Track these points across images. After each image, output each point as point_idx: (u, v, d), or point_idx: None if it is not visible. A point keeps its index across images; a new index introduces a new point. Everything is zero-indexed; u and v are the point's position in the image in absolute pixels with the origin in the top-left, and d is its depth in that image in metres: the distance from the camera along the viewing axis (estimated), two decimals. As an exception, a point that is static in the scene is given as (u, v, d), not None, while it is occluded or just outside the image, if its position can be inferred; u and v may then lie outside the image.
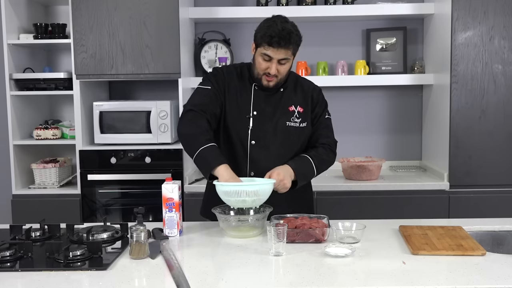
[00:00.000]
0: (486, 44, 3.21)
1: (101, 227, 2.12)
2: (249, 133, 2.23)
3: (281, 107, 2.27)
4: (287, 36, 2.10)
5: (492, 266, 1.72)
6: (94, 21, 3.27)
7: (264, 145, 2.24)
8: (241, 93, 2.26)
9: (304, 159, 2.22)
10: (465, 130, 3.25)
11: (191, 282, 1.59)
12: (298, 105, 2.29)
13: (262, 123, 2.24)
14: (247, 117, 2.24)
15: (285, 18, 2.18)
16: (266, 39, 2.11)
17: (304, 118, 2.28)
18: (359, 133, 3.87)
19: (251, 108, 2.24)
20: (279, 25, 2.12)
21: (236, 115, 2.24)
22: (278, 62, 2.15)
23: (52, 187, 3.45)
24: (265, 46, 2.12)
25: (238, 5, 3.74)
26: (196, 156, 2.08)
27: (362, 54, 3.82)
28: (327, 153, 2.29)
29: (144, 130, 3.39)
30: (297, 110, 2.28)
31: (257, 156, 2.24)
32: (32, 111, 3.63)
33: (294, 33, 2.14)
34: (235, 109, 2.24)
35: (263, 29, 2.13)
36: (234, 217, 2.12)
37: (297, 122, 2.27)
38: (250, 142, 2.24)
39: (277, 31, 2.10)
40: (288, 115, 2.26)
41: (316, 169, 2.23)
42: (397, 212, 3.16)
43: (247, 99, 2.25)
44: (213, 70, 2.35)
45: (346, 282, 1.61)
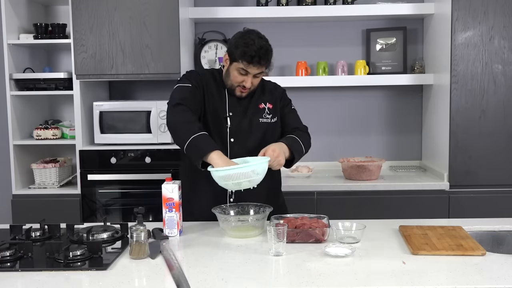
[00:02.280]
0: (486, 44, 3.21)
1: (101, 227, 2.12)
2: (228, 131, 2.31)
3: (253, 106, 2.37)
4: (265, 54, 2.20)
5: (492, 266, 1.72)
6: (94, 21, 3.27)
7: (242, 142, 2.32)
8: (216, 95, 2.34)
9: (292, 138, 2.32)
10: (465, 130, 3.25)
11: (191, 282, 1.59)
12: (267, 102, 2.39)
13: (238, 122, 2.33)
14: (225, 116, 2.32)
15: (258, 34, 2.25)
16: (246, 58, 2.18)
17: (274, 114, 2.39)
18: (359, 133, 3.87)
19: (227, 109, 2.33)
20: (257, 43, 2.18)
21: (215, 114, 2.31)
22: (253, 76, 2.25)
23: (52, 187, 3.45)
24: (243, 63, 2.19)
25: (238, 5, 3.74)
26: (188, 143, 2.09)
27: (362, 54, 3.82)
28: (304, 135, 2.41)
29: (144, 130, 3.39)
30: (267, 107, 2.38)
31: (237, 153, 2.28)
32: (32, 111, 3.63)
33: (270, 49, 2.23)
34: (213, 109, 2.31)
35: (241, 47, 2.19)
36: (234, 217, 2.13)
37: (269, 118, 2.37)
38: (229, 140, 2.31)
39: (256, 49, 2.17)
40: (260, 112, 2.37)
41: (304, 147, 2.35)
42: (397, 212, 3.16)
43: (222, 101, 2.34)
44: (188, 72, 2.42)
45: (346, 282, 1.61)
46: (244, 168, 2.02)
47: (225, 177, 2.02)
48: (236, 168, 2.02)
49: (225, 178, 2.03)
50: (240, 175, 2.01)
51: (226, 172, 2.01)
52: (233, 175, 2.01)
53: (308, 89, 3.74)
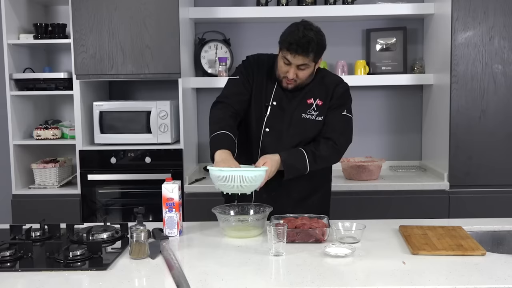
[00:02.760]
0: (486, 44, 3.21)
1: (101, 227, 2.13)
2: (265, 120, 2.28)
3: (300, 99, 2.29)
4: (305, 44, 2.12)
5: (492, 266, 1.72)
6: (94, 21, 3.27)
7: (277, 134, 2.28)
8: (266, 82, 2.31)
9: (298, 153, 2.21)
10: (465, 130, 3.25)
11: (191, 282, 1.59)
12: (318, 98, 2.29)
13: (278, 113, 2.29)
14: (266, 105, 2.29)
15: (310, 25, 2.19)
16: (285, 44, 2.15)
17: (322, 112, 2.29)
18: (359, 133, 3.85)
19: (272, 98, 2.29)
20: (301, 32, 2.14)
21: (257, 101, 2.30)
22: (297, 67, 2.18)
23: (52, 187, 3.45)
24: (284, 51, 2.17)
25: (238, 5, 3.74)
26: (210, 142, 2.20)
27: (362, 54, 3.82)
28: (328, 150, 2.25)
29: (144, 130, 3.39)
30: (316, 103, 2.29)
31: (268, 144, 2.28)
32: (32, 111, 3.62)
33: (315, 41, 2.15)
34: (257, 95, 2.31)
35: (285, 34, 2.18)
36: (234, 217, 2.13)
37: (314, 115, 2.28)
38: (264, 129, 2.29)
39: (297, 38, 2.12)
40: (305, 107, 2.28)
41: (310, 165, 2.20)
42: (397, 212, 3.16)
43: (270, 89, 2.30)
44: (245, 59, 2.42)
45: (346, 282, 1.61)
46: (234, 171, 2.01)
47: (216, 177, 2.04)
48: (227, 170, 2.02)
49: (216, 178, 2.04)
50: (229, 178, 2.00)
51: (216, 172, 2.03)
52: (222, 177, 2.01)
53: (308, 89, 3.74)
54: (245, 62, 2.39)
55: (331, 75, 2.40)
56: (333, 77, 2.39)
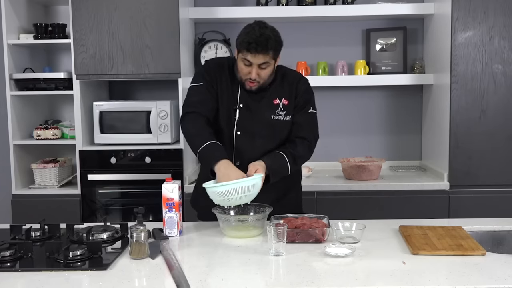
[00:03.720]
0: (486, 44, 3.21)
1: (101, 227, 2.12)
2: (235, 124, 2.28)
3: (266, 100, 2.29)
4: (264, 42, 2.13)
5: (492, 266, 1.72)
6: (94, 21, 3.27)
7: (249, 136, 2.28)
8: (230, 85, 2.30)
9: (279, 156, 2.22)
10: (465, 130, 3.25)
11: (191, 282, 1.59)
12: (283, 97, 2.30)
13: (247, 115, 2.28)
14: (234, 108, 2.28)
15: (265, 24, 2.20)
16: (244, 45, 2.15)
17: (289, 111, 2.30)
18: (359, 133, 3.87)
19: (238, 101, 2.29)
20: (257, 31, 2.15)
21: (225, 105, 2.29)
22: (258, 66, 2.19)
23: (52, 187, 3.45)
24: (244, 52, 2.17)
25: (238, 5, 3.74)
26: (198, 157, 2.19)
27: (362, 54, 3.82)
28: (304, 149, 2.28)
29: (144, 130, 3.39)
30: (282, 103, 2.30)
31: (242, 146, 2.27)
32: (32, 111, 3.62)
33: (273, 38, 2.16)
34: (224, 100, 2.29)
35: (242, 35, 2.18)
36: (234, 217, 2.13)
37: (282, 115, 2.29)
38: (236, 133, 2.28)
39: (255, 37, 2.13)
40: (273, 108, 2.29)
41: (290, 166, 2.23)
42: (397, 212, 3.16)
43: (235, 92, 2.29)
44: (205, 63, 2.40)
45: (346, 282, 1.61)
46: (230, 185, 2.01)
47: (214, 193, 2.04)
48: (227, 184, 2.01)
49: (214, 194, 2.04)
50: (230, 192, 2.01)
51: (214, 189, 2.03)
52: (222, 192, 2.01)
53: (308, 89, 3.74)
54: (205, 67, 2.36)
55: (290, 71, 2.41)
56: (293, 73, 2.40)
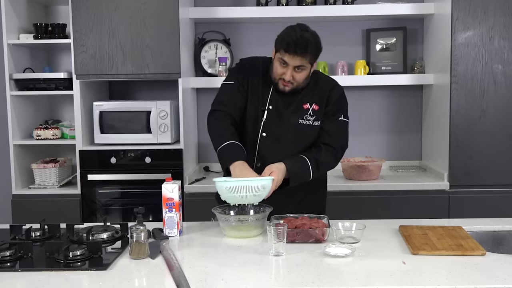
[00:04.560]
0: (486, 44, 3.21)
1: (101, 227, 2.12)
2: (262, 125, 2.27)
3: (296, 104, 2.28)
4: (303, 44, 2.12)
5: (492, 266, 1.72)
6: (94, 21, 3.27)
7: (274, 139, 2.27)
8: (262, 86, 2.30)
9: (301, 160, 2.21)
10: (465, 130, 3.25)
11: (191, 282, 1.59)
12: (314, 103, 2.28)
13: (275, 118, 2.27)
14: (262, 109, 2.27)
15: (306, 27, 2.19)
16: (283, 45, 2.14)
17: (318, 117, 2.28)
18: (359, 133, 3.87)
19: (268, 102, 2.28)
20: (298, 32, 2.14)
21: (253, 105, 2.28)
22: (294, 68, 2.17)
23: (52, 187, 3.45)
24: (281, 52, 2.15)
25: (238, 5, 3.74)
26: (217, 155, 2.20)
27: (362, 54, 3.82)
28: (329, 156, 2.26)
29: (144, 130, 3.39)
30: (312, 108, 2.28)
31: (265, 149, 2.27)
32: (32, 111, 3.62)
33: (312, 42, 2.14)
34: (254, 100, 2.29)
35: (283, 35, 2.17)
36: (234, 217, 2.13)
37: (311, 120, 2.28)
38: (261, 134, 2.27)
39: (295, 38, 2.12)
40: (302, 113, 2.27)
41: (312, 172, 2.22)
42: (397, 212, 3.16)
43: (266, 93, 2.29)
44: (239, 62, 2.41)
45: (346, 282, 1.61)
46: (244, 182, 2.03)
47: (221, 188, 2.06)
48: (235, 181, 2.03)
49: (222, 190, 2.06)
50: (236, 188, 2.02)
51: (223, 184, 2.05)
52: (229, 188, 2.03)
53: (308, 89, 3.75)
54: (239, 66, 2.37)
55: (325, 77, 2.39)
56: (327, 79, 2.38)
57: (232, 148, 2.15)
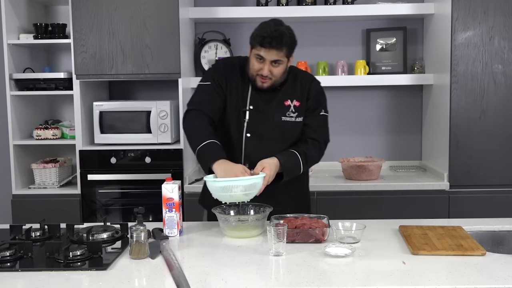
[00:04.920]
0: (486, 44, 3.21)
1: (101, 227, 2.12)
2: (245, 126, 2.26)
3: (277, 102, 2.28)
4: (279, 37, 2.12)
5: (492, 266, 1.72)
6: (94, 21, 3.27)
7: (259, 138, 2.26)
8: (241, 86, 2.29)
9: (292, 155, 2.22)
10: (465, 130, 3.25)
11: (191, 282, 1.59)
12: (295, 99, 2.29)
13: (257, 117, 2.27)
14: (244, 110, 2.27)
15: (280, 22, 2.20)
16: (258, 39, 2.14)
17: (300, 113, 2.29)
18: (359, 133, 3.87)
19: (248, 102, 2.27)
20: (272, 26, 2.15)
21: (234, 107, 2.27)
22: (270, 63, 2.17)
23: (52, 187, 3.45)
24: (257, 47, 2.15)
25: (238, 5, 3.74)
26: (196, 155, 2.16)
27: (362, 54, 3.82)
28: (316, 150, 2.29)
29: (144, 130, 3.39)
30: (293, 105, 2.28)
31: (251, 149, 2.26)
32: (32, 111, 3.62)
33: (287, 34, 2.15)
34: (234, 101, 2.27)
35: (256, 30, 2.18)
36: (234, 217, 2.13)
37: (293, 116, 2.28)
38: (246, 135, 2.26)
39: (270, 31, 2.12)
40: (284, 110, 2.27)
41: (303, 166, 2.24)
42: (397, 212, 3.16)
43: (245, 93, 2.28)
44: (215, 63, 2.40)
45: (346, 282, 1.61)
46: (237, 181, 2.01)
47: (215, 188, 2.04)
48: (228, 180, 2.01)
49: (215, 189, 2.04)
50: (232, 187, 2.00)
51: (218, 183, 2.03)
52: (224, 187, 2.01)
53: (308, 89, 3.75)
54: (215, 67, 2.35)
55: (302, 72, 2.40)
56: (305, 74, 2.39)
57: (212, 147, 2.13)
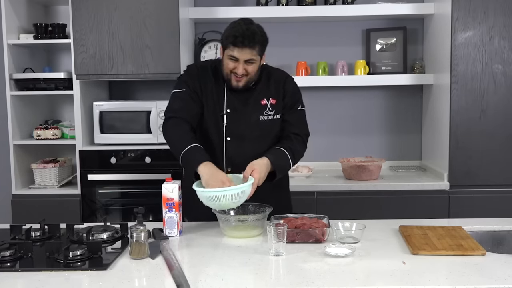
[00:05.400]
0: (486, 44, 3.21)
1: (101, 227, 2.12)
2: (224, 130, 2.26)
3: (253, 102, 2.28)
4: (251, 36, 2.12)
5: (492, 266, 1.72)
6: (94, 21, 3.27)
7: (239, 140, 2.27)
8: (215, 90, 2.28)
9: (280, 153, 2.22)
10: (465, 130, 3.25)
11: (191, 282, 1.59)
12: (271, 97, 2.30)
13: (235, 120, 2.27)
14: (221, 114, 2.27)
15: (250, 20, 2.20)
16: (230, 39, 2.14)
17: (278, 110, 2.30)
18: (359, 133, 3.87)
19: (224, 106, 2.27)
20: (243, 26, 2.15)
21: (211, 112, 2.27)
22: (244, 63, 2.17)
23: (52, 187, 3.45)
24: (230, 47, 2.15)
25: (238, 5, 3.74)
26: (180, 160, 2.15)
27: (362, 54, 3.82)
28: (300, 145, 2.30)
29: (144, 130, 3.39)
30: (270, 103, 2.29)
31: (232, 152, 2.26)
32: (32, 111, 3.62)
33: (259, 33, 2.16)
34: (210, 106, 2.27)
35: (227, 31, 2.17)
36: (234, 217, 2.12)
37: (271, 115, 2.29)
38: (226, 139, 2.27)
39: (241, 31, 2.12)
40: (261, 109, 2.28)
41: (292, 162, 2.25)
42: (397, 212, 3.16)
43: (221, 97, 2.28)
44: (187, 68, 2.37)
45: (346, 282, 1.61)
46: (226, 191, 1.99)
47: (203, 197, 2.03)
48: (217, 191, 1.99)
49: (205, 198, 2.03)
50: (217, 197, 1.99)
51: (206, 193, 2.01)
52: (213, 197, 2.00)
53: (308, 89, 3.73)
54: (187, 72, 2.33)
55: (275, 70, 2.40)
56: (278, 72, 2.39)
57: (195, 150, 2.12)
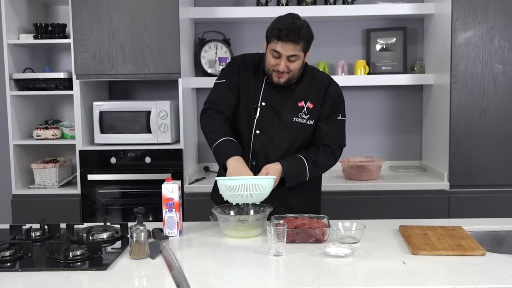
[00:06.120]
0: (486, 44, 3.21)
1: (101, 227, 2.12)
2: (255, 123, 2.25)
3: (290, 101, 2.25)
4: (296, 30, 2.08)
5: (492, 266, 1.72)
6: (94, 21, 3.27)
7: (268, 137, 2.25)
8: (254, 83, 2.27)
9: (298, 161, 2.19)
10: (465, 130, 3.25)
11: (191, 282, 1.59)
12: (309, 100, 2.25)
13: (268, 115, 2.25)
14: (255, 107, 2.25)
15: (298, 16, 2.17)
16: (275, 32, 2.10)
17: (313, 115, 2.25)
18: (359, 133, 3.87)
19: (260, 99, 2.25)
20: (290, 19, 2.12)
21: (246, 103, 2.27)
22: (287, 59, 2.13)
23: (52, 187, 3.45)
24: (274, 41, 2.11)
25: (238, 5, 3.74)
26: (213, 152, 2.21)
27: (362, 54, 3.82)
28: (327, 157, 2.25)
29: (144, 130, 3.39)
30: (307, 106, 2.24)
31: (259, 146, 2.26)
32: (32, 111, 3.62)
33: (305, 28, 2.12)
34: (246, 98, 2.27)
35: (273, 24, 2.15)
36: (234, 217, 2.13)
37: (305, 118, 2.24)
38: (255, 132, 2.25)
39: (287, 24, 2.09)
40: (296, 111, 2.24)
41: (309, 173, 2.21)
42: (397, 212, 3.16)
43: (258, 89, 2.27)
44: (230, 60, 2.40)
45: (346, 282, 1.61)
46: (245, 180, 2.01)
47: (225, 186, 2.04)
48: (237, 179, 2.01)
49: (226, 187, 2.04)
50: (240, 187, 2.01)
51: (226, 182, 2.03)
52: (232, 187, 2.01)
53: (308, 89, 3.75)
54: (230, 64, 2.35)
55: (320, 73, 2.35)
56: (323, 76, 2.33)
57: (227, 143, 2.15)
